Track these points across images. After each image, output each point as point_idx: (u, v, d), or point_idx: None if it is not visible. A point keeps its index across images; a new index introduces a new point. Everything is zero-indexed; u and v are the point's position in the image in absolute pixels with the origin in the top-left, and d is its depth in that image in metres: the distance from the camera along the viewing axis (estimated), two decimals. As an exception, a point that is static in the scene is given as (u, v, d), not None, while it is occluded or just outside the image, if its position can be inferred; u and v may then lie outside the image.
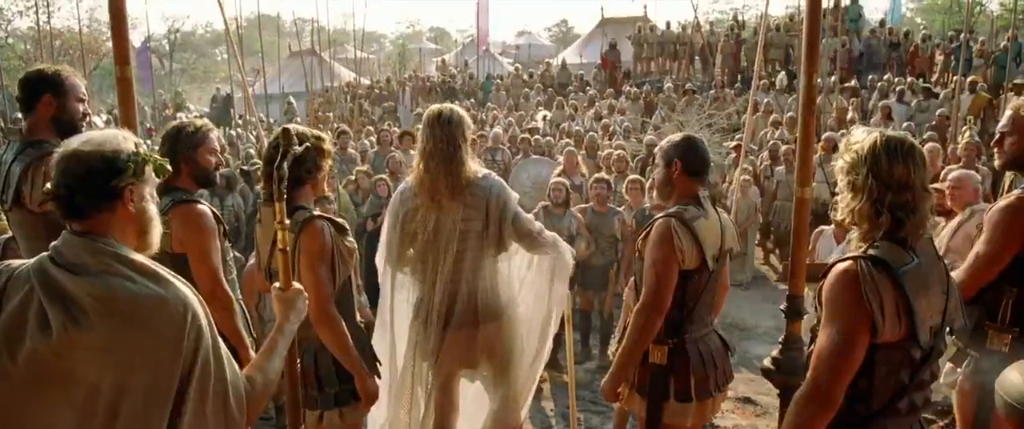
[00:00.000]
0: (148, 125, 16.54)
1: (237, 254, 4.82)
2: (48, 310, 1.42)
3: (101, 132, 1.58)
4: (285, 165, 2.02)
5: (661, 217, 2.74)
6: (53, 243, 1.52)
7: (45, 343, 1.41)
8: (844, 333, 1.83)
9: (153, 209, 1.61)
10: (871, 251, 1.85)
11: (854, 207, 1.90)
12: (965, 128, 9.45)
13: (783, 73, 15.05)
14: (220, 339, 1.58)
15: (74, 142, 1.54)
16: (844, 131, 9.93)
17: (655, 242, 2.69)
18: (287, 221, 2.03)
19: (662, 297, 2.67)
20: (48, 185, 1.53)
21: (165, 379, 1.46)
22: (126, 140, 1.56)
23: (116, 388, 1.43)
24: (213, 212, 2.79)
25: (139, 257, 1.52)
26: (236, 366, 1.63)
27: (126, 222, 1.55)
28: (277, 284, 2.02)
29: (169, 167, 1.64)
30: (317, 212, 2.66)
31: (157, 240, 1.63)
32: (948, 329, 2.00)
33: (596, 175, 6.82)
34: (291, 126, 2.28)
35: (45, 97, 2.77)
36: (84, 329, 1.41)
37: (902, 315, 1.82)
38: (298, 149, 2.08)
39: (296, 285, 2.02)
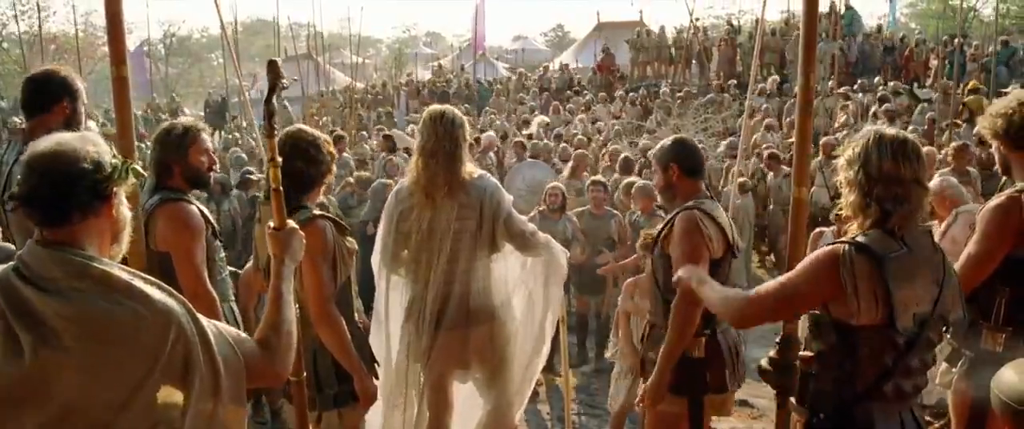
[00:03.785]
0: (141, 130, 16.44)
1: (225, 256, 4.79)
2: (17, 331, 1.35)
3: (69, 135, 1.50)
4: (274, 99, 2.01)
5: (683, 210, 2.75)
6: (19, 253, 1.44)
7: (18, 367, 1.35)
8: (798, 288, 2.00)
9: (128, 214, 1.57)
10: (859, 239, 1.95)
11: (849, 201, 2.01)
12: (959, 128, 9.50)
13: (772, 78, 15.03)
14: (210, 324, 1.53)
15: (48, 143, 1.45)
16: (840, 134, 9.98)
17: (683, 234, 2.69)
18: (279, 158, 2.03)
19: None
20: (14, 189, 1.44)
21: (141, 393, 1.41)
22: (102, 143, 1.50)
23: (88, 404, 1.38)
24: (201, 211, 2.79)
25: (113, 269, 1.44)
26: (230, 340, 1.57)
27: (106, 227, 1.50)
28: (272, 223, 1.99)
29: (143, 171, 1.59)
30: (317, 212, 2.66)
31: (126, 243, 1.58)
32: (943, 320, 2.04)
33: (593, 178, 6.84)
34: (303, 126, 2.29)
35: (64, 101, 2.79)
36: (57, 351, 1.35)
37: (879, 300, 1.89)
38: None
39: (291, 223, 2.00)
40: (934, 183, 4.31)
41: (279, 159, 2.03)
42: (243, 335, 1.65)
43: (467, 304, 3.03)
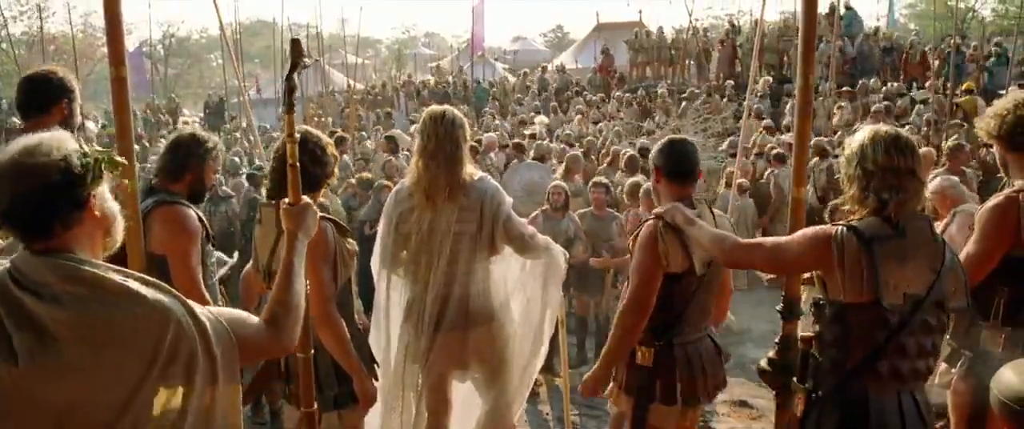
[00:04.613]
0: (140, 131, 16.39)
1: (229, 259, 4.79)
2: (13, 336, 1.34)
3: (34, 140, 1.42)
4: (295, 75, 2.05)
5: (648, 219, 2.75)
6: (12, 258, 1.43)
7: (9, 370, 1.33)
8: (790, 250, 2.19)
9: (115, 206, 1.54)
10: (853, 223, 2.11)
11: (850, 194, 2.15)
12: (954, 130, 9.50)
13: (764, 78, 14.97)
14: (205, 312, 1.51)
15: (13, 155, 1.38)
16: (836, 135, 9.98)
17: (640, 245, 2.70)
18: (297, 134, 2.06)
19: (644, 299, 2.66)
20: None
21: (140, 393, 1.40)
22: (67, 141, 1.43)
23: (88, 406, 1.38)
24: (197, 214, 2.80)
25: (106, 272, 1.42)
26: (225, 322, 1.54)
27: (94, 228, 1.48)
28: (286, 200, 2.02)
29: (120, 160, 1.52)
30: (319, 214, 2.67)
31: (120, 235, 1.56)
32: (941, 306, 2.12)
33: (594, 179, 6.83)
34: (309, 127, 2.30)
35: (64, 102, 2.82)
36: (54, 355, 1.35)
37: (866, 279, 2.04)
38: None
39: (305, 199, 2.02)
40: (936, 183, 4.32)
41: (297, 135, 2.06)
42: (245, 316, 1.63)
43: (466, 306, 3.03)
